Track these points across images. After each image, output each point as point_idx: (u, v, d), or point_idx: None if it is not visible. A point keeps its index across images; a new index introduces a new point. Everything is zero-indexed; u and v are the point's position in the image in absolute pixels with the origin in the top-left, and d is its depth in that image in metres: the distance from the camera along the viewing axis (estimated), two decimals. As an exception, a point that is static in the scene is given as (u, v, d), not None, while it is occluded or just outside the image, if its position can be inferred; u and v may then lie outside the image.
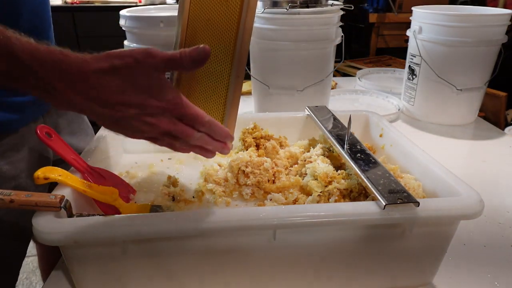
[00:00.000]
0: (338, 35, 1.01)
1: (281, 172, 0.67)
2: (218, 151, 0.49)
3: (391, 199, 0.47)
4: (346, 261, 0.51)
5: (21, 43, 0.39)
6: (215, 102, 0.54)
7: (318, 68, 1.00)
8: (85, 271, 0.49)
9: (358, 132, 0.80)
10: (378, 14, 2.51)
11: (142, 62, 0.41)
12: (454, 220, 0.50)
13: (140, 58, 0.41)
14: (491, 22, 0.96)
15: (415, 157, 0.62)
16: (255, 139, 0.72)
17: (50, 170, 0.51)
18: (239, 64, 0.51)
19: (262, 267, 0.51)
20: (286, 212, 0.47)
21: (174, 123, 0.44)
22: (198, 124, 0.45)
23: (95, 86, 0.40)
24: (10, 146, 0.62)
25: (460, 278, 0.56)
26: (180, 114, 0.44)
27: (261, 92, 1.05)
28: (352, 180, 0.59)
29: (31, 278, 1.69)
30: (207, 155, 0.50)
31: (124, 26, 0.97)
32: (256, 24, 0.98)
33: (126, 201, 0.61)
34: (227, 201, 0.63)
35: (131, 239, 0.46)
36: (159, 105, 0.42)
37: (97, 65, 0.40)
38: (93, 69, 0.40)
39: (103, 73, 0.40)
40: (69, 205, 0.48)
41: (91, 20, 2.70)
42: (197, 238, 0.47)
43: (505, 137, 1.01)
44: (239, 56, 0.50)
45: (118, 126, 0.44)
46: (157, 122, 0.43)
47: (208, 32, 0.53)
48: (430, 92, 1.07)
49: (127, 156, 0.77)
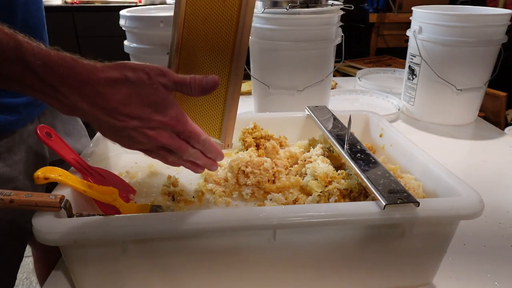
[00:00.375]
0: (338, 35, 1.01)
1: (281, 172, 0.67)
2: (207, 167, 0.51)
3: (391, 199, 0.47)
4: (346, 261, 0.51)
5: (32, 48, 0.39)
6: (215, 101, 0.54)
7: (318, 68, 1.00)
8: (85, 271, 0.48)
9: (358, 132, 0.80)
10: (378, 14, 2.51)
11: (154, 79, 0.42)
12: (454, 220, 0.50)
13: (153, 75, 0.42)
14: (491, 22, 0.96)
15: (415, 157, 0.62)
16: (255, 139, 0.72)
17: (50, 170, 0.51)
18: (238, 62, 0.51)
19: (262, 267, 0.51)
20: (286, 212, 0.47)
21: (172, 137, 0.45)
22: (194, 141, 0.46)
23: (103, 95, 0.40)
24: (7, 148, 0.62)
25: (460, 278, 0.56)
26: (179, 131, 0.45)
27: (261, 92, 1.05)
28: (352, 180, 0.59)
29: (31, 278, 1.68)
30: (196, 170, 0.51)
31: (124, 26, 0.97)
32: (256, 24, 0.98)
33: (126, 201, 0.61)
34: (227, 201, 0.63)
35: (131, 239, 0.46)
36: (162, 120, 0.43)
37: (108, 74, 0.40)
38: (104, 77, 0.40)
39: (113, 82, 0.40)
40: (69, 205, 0.48)
41: (91, 20, 2.70)
42: (197, 238, 0.47)
43: (505, 137, 1.01)
44: (238, 54, 0.50)
45: (117, 136, 0.44)
46: (156, 135, 0.43)
47: (206, 31, 0.53)
48: (430, 92, 1.07)
49: (127, 156, 0.77)
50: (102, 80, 0.40)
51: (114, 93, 0.40)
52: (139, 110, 0.42)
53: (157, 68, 0.42)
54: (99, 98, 0.40)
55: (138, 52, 0.98)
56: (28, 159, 0.66)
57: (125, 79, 0.41)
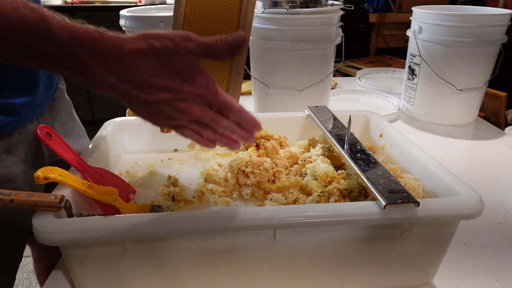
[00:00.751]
0: (338, 35, 1.01)
1: (281, 172, 0.67)
2: (244, 140, 0.48)
3: (391, 199, 0.47)
4: (346, 260, 0.51)
5: (58, 22, 0.38)
6: None
7: (318, 68, 1.00)
8: (85, 271, 0.49)
9: (358, 132, 0.80)
10: (378, 14, 2.51)
11: (179, 45, 0.40)
12: (454, 220, 0.50)
13: (178, 41, 0.40)
14: (491, 22, 0.96)
15: (415, 157, 0.62)
16: (255, 139, 0.72)
17: (50, 170, 0.51)
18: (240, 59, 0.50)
19: (262, 267, 0.51)
20: (286, 212, 0.47)
21: (205, 109, 0.43)
22: (228, 111, 0.44)
23: (131, 67, 0.39)
24: (5, 149, 0.62)
25: (460, 278, 0.56)
26: (211, 101, 0.43)
27: (261, 92, 1.05)
28: (352, 180, 0.59)
29: (31, 278, 1.68)
30: (233, 146, 0.48)
31: (124, 26, 0.97)
32: (256, 24, 0.98)
33: (126, 201, 0.61)
34: (227, 201, 0.63)
35: (131, 239, 0.46)
36: (192, 91, 0.41)
37: (134, 45, 0.39)
38: (130, 48, 0.39)
39: (140, 54, 0.39)
40: (69, 205, 0.48)
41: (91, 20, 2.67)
42: (197, 238, 0.47)
43: (505, 137, 1.01)
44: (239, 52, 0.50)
45: (148, 112, 0.43)
46: (188, 108, 0.42)
47: (206, 30, 0.53)
48: (430, 92, 1.07)
49: (127, 156, 0.77)
50: (129, 51, 0.39)
51: (142, 65, 0.39)
52: (168, 81, 0.40)
53: (182, 33, 0.40)
54: (127, 71, 0.39)
55: (138, 52, 0.98)
56: (27, 160, 0.66)
57: (150, 48, 0.39)
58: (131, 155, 0.77)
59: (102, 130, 0.73)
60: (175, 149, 0.80)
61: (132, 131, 0.78)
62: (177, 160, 0.76)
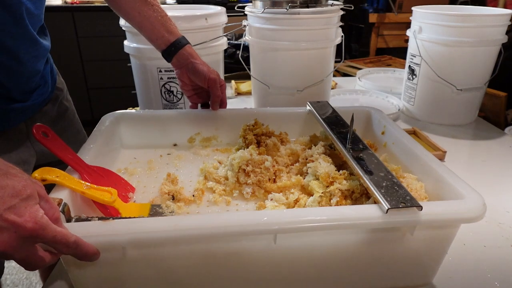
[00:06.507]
0: (338, 35, 1.01)
1: (282, 171, 0.66)
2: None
3: (394, 203, 0.46)
4: (347, 263, 0.51)
5: None
6: None
7: (318, 68, 1.00)
8: (84, 276, 0.47)
9: (360, 128, 0.79)
10: (378, 14, 2.51)
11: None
12: (457, 223, 0.49)
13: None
14: (491, 22, 0.96)
15: (418, 156, 0.61)
16: (256, 136, 0.71)
17: (47, 171, 0.51)
18: None
19: (263, 271, 0.50)
20: (287, 216, 0.46)
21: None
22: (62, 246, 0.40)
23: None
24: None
25: (460, 278, 0.56)
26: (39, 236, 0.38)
27: (261, 92, 1.05)
28: (354, 180, 0.58)
29: (31, 278, 1.68)
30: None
31: (124, 26, 0.97)
32: (256, 24, 0.98)
33: (125, 201, 0.61)
34: (228, 200, 0.63)
35: (131, 245, 0.45)
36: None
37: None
38: None
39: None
40: (67, 209, 0.47)
41: (91, 20, 2.69)
42: (197, 243, 0.47)
43: (505, 137, 1.01)
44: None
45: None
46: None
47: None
48: (430, 92, 1.07)
49: (125, 152, 0.76)
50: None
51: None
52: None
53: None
54: None
55: (138, 52, 0.98)
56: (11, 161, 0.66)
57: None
58: (129, 150, 0.76)
59: (100, 124, 0.72)
60: (175, 144, 0.79)
61: (131, 125, 0.77)
62: (176, 156, 0.75)
